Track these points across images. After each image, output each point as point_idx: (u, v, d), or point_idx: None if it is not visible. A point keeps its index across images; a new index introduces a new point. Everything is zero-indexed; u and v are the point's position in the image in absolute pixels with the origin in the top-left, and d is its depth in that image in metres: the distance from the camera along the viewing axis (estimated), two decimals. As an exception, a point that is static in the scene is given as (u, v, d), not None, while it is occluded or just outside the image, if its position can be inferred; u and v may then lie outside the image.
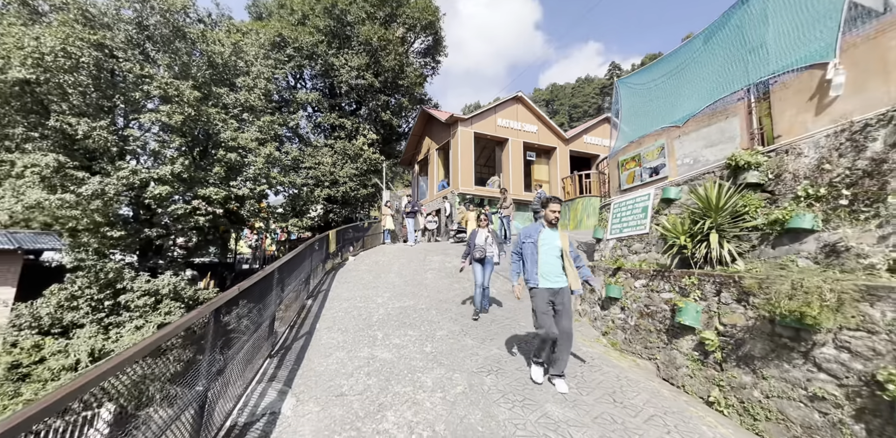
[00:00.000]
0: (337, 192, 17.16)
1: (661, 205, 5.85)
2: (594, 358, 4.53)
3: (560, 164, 19.83)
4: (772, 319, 3.20)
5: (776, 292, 3.01)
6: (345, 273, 9.17)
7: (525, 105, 19.20)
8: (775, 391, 3.09)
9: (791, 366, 3.01)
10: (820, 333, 2.83)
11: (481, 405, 2.97)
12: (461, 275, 8.57)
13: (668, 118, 5.95)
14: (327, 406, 2.92)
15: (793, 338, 3.04)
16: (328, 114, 18.64)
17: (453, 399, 3.04)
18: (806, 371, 2.89)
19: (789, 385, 2.99)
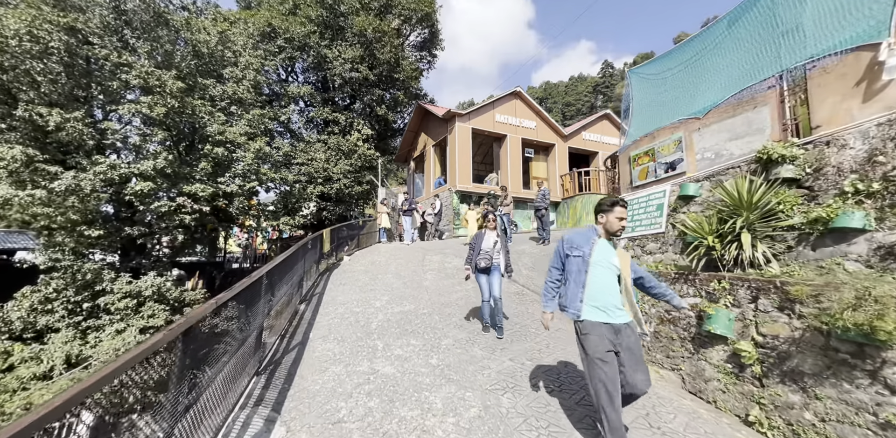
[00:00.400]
0: (331, 189, 16.57)
1: (678, 203, 5.47)
2: None
3: (559, 161, 19.47)
4: (825, 331, 2.83)
5: (838, 301, 2.63)
6: (340, 274, 8.70)
7: (524, 100, 18.78)
8: (833, 414, 2.72)
9: (853, 387, 2.64)
10: (892, 350, 2.45)
11: (501, 433, 2.57)
12: (462, 277, 8.17)
13: (687, 109, 5.57)
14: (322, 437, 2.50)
15: (855, 355, 2.66)
16: (321, 108, 17.93)
17: (468, 426, 2.63)
18: (874, 394, 2.52)
19: (852, 408, 2.62)
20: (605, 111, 22.04)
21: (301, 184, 15.58)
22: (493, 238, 5.20)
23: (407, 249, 12.29)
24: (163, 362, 1.79)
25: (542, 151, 19.92)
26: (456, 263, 9.49)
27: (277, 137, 15.13)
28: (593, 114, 22.18)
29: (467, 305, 6.25)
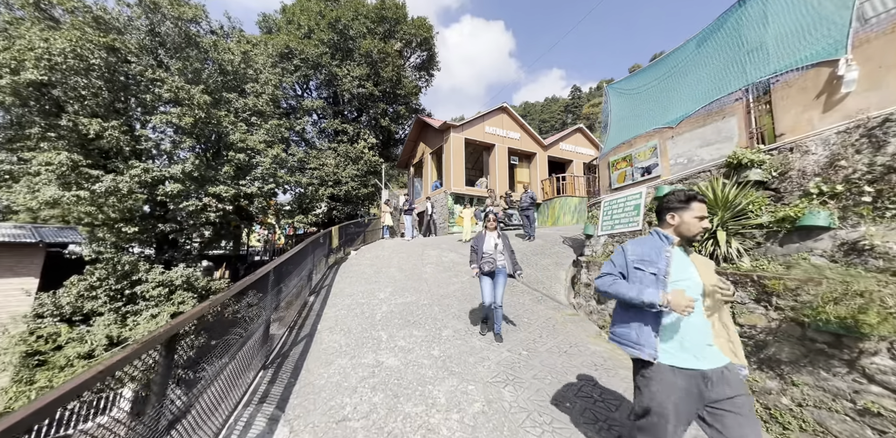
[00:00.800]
0: (340, 191, 16.15)
1: (653, 203, 5.24)
2: (605, 360, 3.90)
3: (540, 168, 19.27)
4: (803, 323, 2.59)
5: (821, 295, 2.39)
6: (347, 267, 8.37)
7: (509, 114, 18.53)
8: (810, 400, 2.49)
9: (831, 375, 2.41)
10: (870, 341, 2.22)
11: (506, 430, 2.28)
12: (460, 269, 7.89)
13: (661, 120, 5.34)
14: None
15: (832, 345, 2.43)
16: (332, 120, 17.51)
17: (472, 423, 2.35)
18: (852, 382, 2.29)
19: (829, 395, 2.39)
20: (579, 125, 21.88)
21: (314, 186, 15.15)
22: (494, 240, 4.35)
23: (408, 244, 11.98)
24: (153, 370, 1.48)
25: (525, 159, 19.71)
26: (452, 257, 9.21)
27: (293, 145, 14.71)
28: (568, 129, 22.00)
29: (464, 297, 5.97)
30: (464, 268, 7.93)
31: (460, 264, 8.39)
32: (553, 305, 5.73)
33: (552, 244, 9.36)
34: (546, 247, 9.09)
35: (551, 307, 5.64)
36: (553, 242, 9.57)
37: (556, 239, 10.09)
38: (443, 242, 11.74)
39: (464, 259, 8.82)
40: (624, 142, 6.11)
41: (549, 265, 7.74)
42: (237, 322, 2.71)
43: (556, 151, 20.14)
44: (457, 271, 7.75)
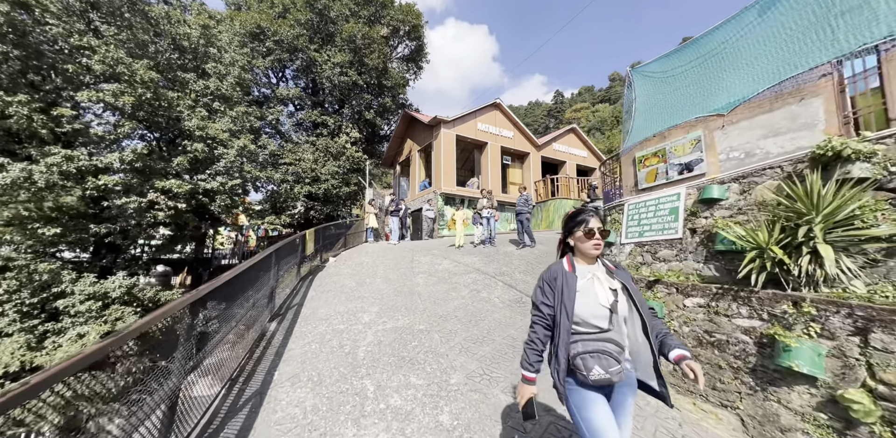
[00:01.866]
0: (318, 190, 14.71)
1: (697, 207, 4.36)
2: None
3: (533, 169, 18.51)
4: None
5: None
6: (324, 278, 7.12)
7: (502, 111, 17.68)
8: None
9: None
10: None
11: None
12: (457, 281, 6.81)
13: (705, 107, 4.48)
14: None
15: None
16: (310, 111, 15.93)
17: None
18: None
19: None
20: (572, 125, 21.35)
21: (289, 183, 13.67)
22: (606, 284, 1.61)
23: (394, 249, 10.80)
24: None
25: (517, 159, 18.92)
26: (446, 265, 8.12)
27: (266, 137, 13.17)
28: (561, 129, 21.42)
29: (468, 318, 4.89)
30: (461, 280, 6.87)
31: (457, 274, 7.32)
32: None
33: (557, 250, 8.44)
34: (551, 254, 8.15)
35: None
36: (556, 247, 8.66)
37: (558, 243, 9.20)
38: (433, 247, 10.64)
39: (460, 267, 7.77)
40: (654, 135, 5.25)
41: None
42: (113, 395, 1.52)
43: (550, 152, 19.47)
44: (454, 283, 6.68)
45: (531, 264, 7.59)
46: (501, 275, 7.04)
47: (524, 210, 8.99)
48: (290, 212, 13.81)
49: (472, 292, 6.21)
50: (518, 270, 7.27)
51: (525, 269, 7.28)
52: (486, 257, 8.52)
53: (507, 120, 17.88)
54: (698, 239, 4.25)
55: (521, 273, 7.09)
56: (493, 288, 6.35)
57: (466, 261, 8.29)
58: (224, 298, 2.97)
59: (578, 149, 20.92)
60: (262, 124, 13.74)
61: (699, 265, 4.15)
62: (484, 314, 5.13)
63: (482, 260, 8.23)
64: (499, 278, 6.91)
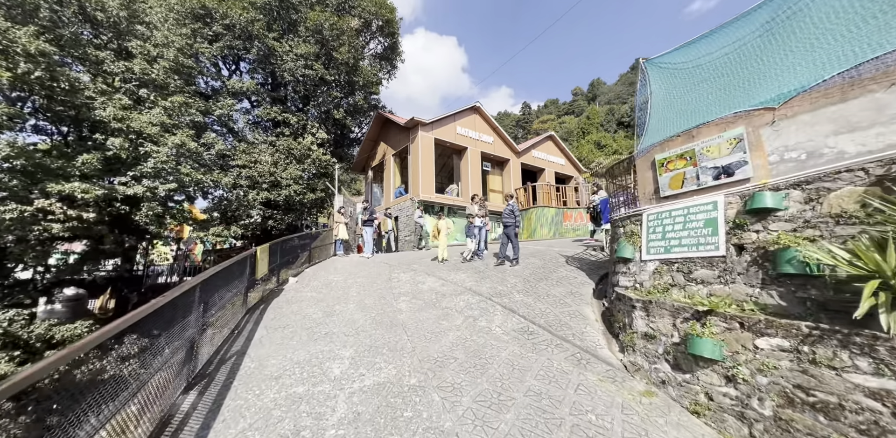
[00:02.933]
0: (278, 196, 12.94)
1: (744, 218, 3.64)
2: None
3: (513, 176, 17.97)
4: None
5: None
6: (281, 306, 5.73)
7: (482, 116, 17.06)
8: None
9: None
10: None
11: None
12: (447, 305, 5.71)
13: (746, 99, 3.83)
14: None
15: None
16: (269, 107, 14.20)
17: None
18: None
19: None
20: (550, 133, 21.24)
21: (241, 188, 11.88)
22: None
23: (368, 264, 9.51)
24: None
25: (497, 166, 18.32)
26: (431, 284, 7.01)
27: (214, 136, 11.25)
28: (539, 136, 21.24)
29: (471, 361, 3.81)
30: (453, 303, 5.79)
31: (446, 295, 6.24)
32: (603, 371, 3.82)
33: (554, 265, 7.61)
34: (549, 270, 7.31)
35: (604, 375, 3.72)
36: (553, 262, 7.84)
37: (554, 256, 8.40)
38: (413, 261, 9.48)
39: (448, 287, 6.69)
40: (679, 134, 4.57)
41: (562, 296, 5.91)
42: None
43: (529, 159, 19.10)
44: (444, 308, 5.58)
45: (530, 282, 6.67)
46: (498, 296, 6.05)
47: (511, 222, 7.93)
48: (243, 222, 11.96)
49: (468, 320, 5.15)
50: (516, 290, 6.32)
51: (524, 288, 6.34)
52: (477, 273, 7.52)
53: (486, 125, 17.28)
54: (749, 257, 3.51)
55: (520, 293, 6.14)
56: (492, 315, 5.33)
57: (455, 279, 7.23)
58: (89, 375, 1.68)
59: (556, 157, 20.79)
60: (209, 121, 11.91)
61: (754, 290, 3.40)
62: (489, 353, 4.08)
63: (473, 278, 7.22)
64: (496, 300, 5.91)
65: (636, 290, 4.71)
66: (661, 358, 3.74)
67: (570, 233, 15.46)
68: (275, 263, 6.73)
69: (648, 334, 3.95)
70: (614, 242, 5.75)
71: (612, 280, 5.54)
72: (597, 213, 9.15)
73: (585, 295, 5.89)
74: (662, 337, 3.77)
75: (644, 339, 4.01)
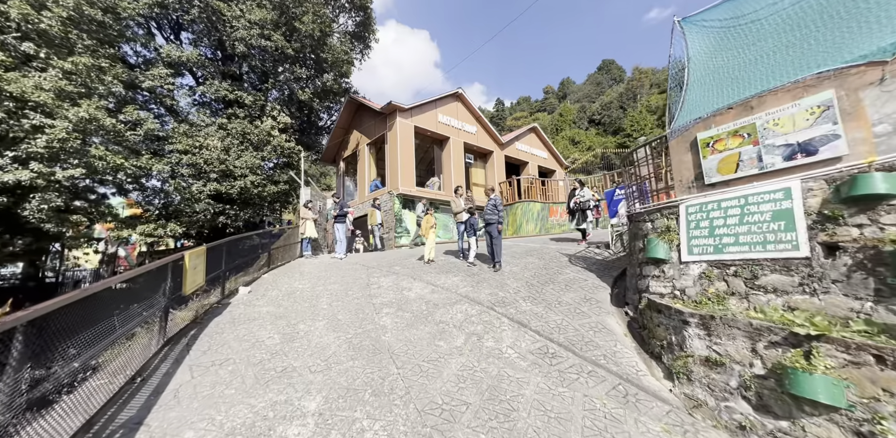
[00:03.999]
0: (231, 188, 11.05)
1: (836, 209, 2.84)
2: None
3: (497, 169, 17.09)
4: None
5: None
6: (221, 330, 4.35)
7: (465, 104, 15.97)
8: None
9: None
10: None
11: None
12: (442, 318, 4.62)
13: (836, 55, 3.01)
14: None
15: None
16: (217, 83, 12.18)
17: None
18: None
19: None
20: (533, 125, 20.56)
21: (182, 178, 9.94)
22: None
23: (341, 266, 8.22)
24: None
25: (480, 158, 17.35)
26: (419, 291, 5.90)
27: (143, 112, 9.00)
28: (522, 128, 20.50)
29: (489, 407, 2.76)
30: (448, 316, 4.73)
31: (439, 305, 5.16)
32: (662, 413, 2.91)
33: (557, 265, 6.73)
34: (552, 271, 6.41)
35: (666, 421, 2.81)
36: (555, 262, 6.96)
37: (553, 255, 7.54)
38: (394, 262, 8.30)
39: (439, 294, 5.62)
40: (731, 106, 3.73)
41: (577, 303, 5.00)
42: None
43: (513, 151, 18.29)
44: (439, 324, 4.49)
45: (534, 286, 5.72)
46: (502, 305, 5.05)
47: (494, 218, 6.87)
48: (186, 219, 10.03)
49: (472, 339, 4.11)
50: (521, 296, 5.34)
51: (530, 294, 5.37)
52: (471, 277, 6.49)
53: (469, 114, 16.22)
54: (850, 260, 2.70)
55: (526, 300, 5.16)
56: (500, 330, 4.31)
57: (446, 284, 6.16)
58: None
59: (540, 150, 20.16)
60: (144, 98, 9.76)
61: (864, 305, 2.59)
62: (509, 391, 3.05)
63: (467, 282, 6.18)
64: (500, 310, 4.89)
65: (678, 299, 3.87)
66: (734, 393, 2.87)
67: (556, 229, 14.82)
68: (218, 270, 5.30)
69: (712, 360, 3.07)
70: (636, 239, 4.91)
71: (636, 284, 4.70)
72: (581, 210, 8.36)
73: (603, 302, 5.01)
74: (735, 365, 2.90)
75: (705, 366, 3.13)
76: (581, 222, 8.48)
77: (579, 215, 8.51)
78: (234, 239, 6.20)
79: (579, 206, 8.47)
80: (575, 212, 8.60)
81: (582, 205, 8.42)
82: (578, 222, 8.51)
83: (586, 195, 8.45)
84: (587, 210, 8.41)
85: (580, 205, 8.44)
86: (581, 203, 8.41)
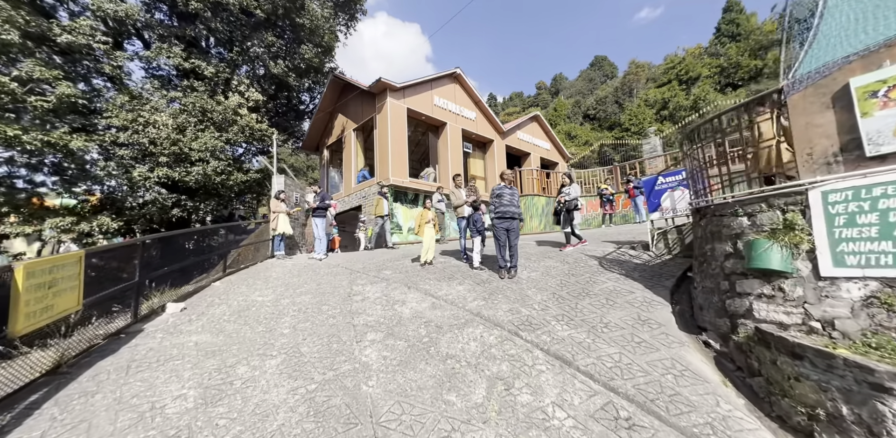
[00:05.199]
0: (186, 175, 9.26)
1: None
2: None
3: (497, 159, 15.67)
4: None
5: None
6: (99, 385, 2.79)
7: (463, 86, 14.44)
8: None
9: None
10: None
11: None
12: (449, 351, 3.17)
13: None
14: None
15: None
16: (167, 47, 9.92)
17: None
18: None
19: None
20: (535, 113, 19.16)
21: (122, 160, 8.13)
22: None
23: (318, 270, 6.72)
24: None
25: (479, 148, 15.89)
26: (415, 305, 4.47)
27: (52, 70, 6.92)
28: (524, 116, 19.10)
29: None
30: (458, 347, 3.31)
31: (443, 329, 3.75)
32: None
33: (587, 271, 5.37)
34: (583, 279, 5.05)
35: None
36: (583, 266, 5.60)
37: (577, 257, 6.17)
38: (384, 264, 6.83)
39: (442, 311, 4.22)
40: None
41: (630, 325, 3.64)
42: None
43: (514, 141, 16.90)
44: (446, 359, 3.06)
45: (565, 300, 4.34)
46: (529, 329, 3.65)
47: (514, 212, 5.46)
48: (128, 212, 8.23)
49: (498, 390, 2.70)
50: (551, 315, 3.95)
51: (562, 312, 3.98)
52: (480, 285, 5.09)
53: (468, 97, 14.70)
54: None
55: (560, 321, 3.77)
56: (536, 372, 2.92)
57: (450, 295, 4.74)
58: None
59: (542, 141, 18.81)
60: (64, 62, 7.63)
61: None
62: None
63: (476, 292, 4.77)
64: (527, 337, 3.50)
65: (820, 335, 2.52)
66: None
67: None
68: (130, 281, 3.73)
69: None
70: (715, 241, 3.55)
71: (723, 303, 3.34)
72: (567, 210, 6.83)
73: (667, 326, 3.64)
74: None
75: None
76: (566, 224, 6.91)
77: (564, 216, 6.91)
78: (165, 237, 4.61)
79: (564, 206, 6.87)
80: (560, 213, 6.99)
81: (568, 204, 6.84)
82: (561, 225, 6.97)
83: (573, 193, 6.84)
84: (573, 210, 6.88)
85: (565, 205, 6.85)
86: (567, 202, 6.83)
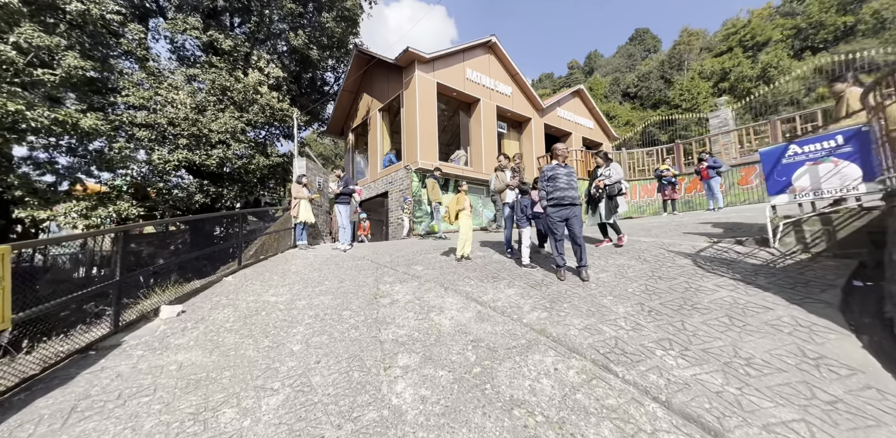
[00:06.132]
0: (207, 158, 8.79)
1: None
2: None
3: (535, 140, 14.14)
4: None
5: None
6: (64, 429, 2.08)
7: (499, 57, 12.91)
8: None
9: None
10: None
11: None
12: (507, 386, 2.13)
13: None
14: None
15: None
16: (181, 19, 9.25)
17: None
18: None
19: None
20: (578, 87, 17.17)
21: (140, 143, 7.75)
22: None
23: (342, 262, 5.94)
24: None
25: (514, 127, 14.41)
26: (455, 313, 3.49)
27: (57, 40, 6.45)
28: (565, 91, 17.19)
29: None
30: (525, 383, 2.24)
31: (498, 351, 2.75)
32: None
33: (678, 272, 4.13)
34: (674, 281, 3.84)
35: None
36: (669, 266, 4.35)
37: (657, 252, 4.91)
38: (414, 257, 5.92)
39: (493, 326, 3.20)
40: None
41: (789, 363, 2.42)
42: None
43: (553, 119, 15.21)
44: (513, 406, 2.01)
45: (659, 314, 3.18)
46: (625, 361, 2.55)
47: (573, 196, 4.25)
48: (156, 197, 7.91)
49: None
50: (650, 338, 2.82)
51: (665, 335, 2.84)
52: (534, 288, 4.03)
53: (504, 70, 13.17)
54: None
55: (665, 349, 2.63)
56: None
57: (498, 301, 3.72)
58: None
59: (584, 119, 16.90)
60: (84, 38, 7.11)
61: None
62: None
63: (532, 299, 3.72)
64: (625, 374, 2.40)
65: None
66: None
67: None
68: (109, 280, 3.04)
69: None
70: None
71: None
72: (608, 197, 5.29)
73: (866, 369, 2.39)
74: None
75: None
76: (609, 215, 5.38)
77: (607, 203, 5.36)
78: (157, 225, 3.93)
79: (605, 191, 5.32)
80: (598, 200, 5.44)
81: (609, 189, 5.30)
82: (603, 215, 5.42)
83: (614, 175, 5.27)
84: (615, 196, 5.32)
85: (605, 190, 5.31)
86: (608, 186, 5.29)
